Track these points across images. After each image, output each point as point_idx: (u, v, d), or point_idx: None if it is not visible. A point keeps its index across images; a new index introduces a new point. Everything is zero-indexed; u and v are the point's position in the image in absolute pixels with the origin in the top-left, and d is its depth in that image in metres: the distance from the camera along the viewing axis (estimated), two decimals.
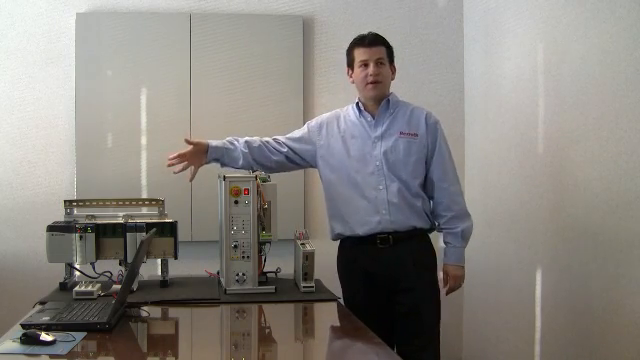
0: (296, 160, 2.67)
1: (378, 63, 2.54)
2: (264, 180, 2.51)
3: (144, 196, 3.46)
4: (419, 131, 2.57)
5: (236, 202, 2.40)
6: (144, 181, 3.60)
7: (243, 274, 2.40)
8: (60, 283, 2.49)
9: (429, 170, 2.59)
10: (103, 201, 2.66)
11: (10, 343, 1.72)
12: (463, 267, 2.61)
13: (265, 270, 2.56)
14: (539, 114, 2.97)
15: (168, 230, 2.53)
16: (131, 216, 2.57)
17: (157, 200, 2.65)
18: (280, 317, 2.29)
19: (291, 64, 3.71)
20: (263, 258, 2.53)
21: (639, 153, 2.28)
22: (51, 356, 1.66)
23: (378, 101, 2.59)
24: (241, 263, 2.41)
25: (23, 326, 1.84)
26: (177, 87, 3.62)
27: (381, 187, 2.53)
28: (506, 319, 3.27)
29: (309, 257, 2.46)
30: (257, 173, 2.50)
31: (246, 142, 2.59)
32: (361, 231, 2.54)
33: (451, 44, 3.86)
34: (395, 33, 3.71)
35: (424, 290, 2.53)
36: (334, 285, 2.63)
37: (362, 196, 2.54)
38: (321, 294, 2.45)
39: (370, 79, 2.54)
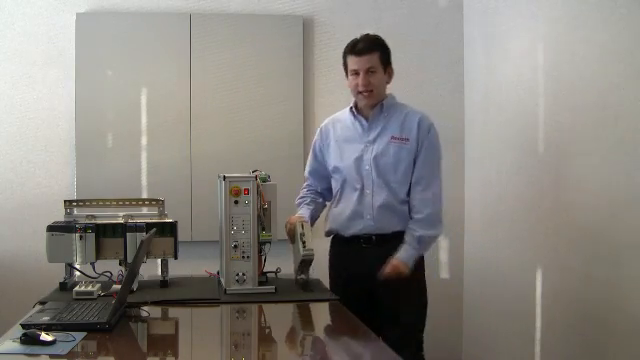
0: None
1: (369, 72, 2.49)
2: (264, 180, 2.50)
3: (144, 196, 3.46)
4: (410, 136, 2.52)
5: (236, 202, 2.39)
6: (144, 181, 3.60)
7: (243, 274, 2.40)
8: (60, 283, 2.49)
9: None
10: (103, 201, 2.66)
11: (10, 343, 1.72)
12: (408, 266, 2.45)
13: (265, 270, 2.56)
14: (539, 114, 2.97)
15: (168, 230, 2.52)
16: (131, 216, 2.57)
17: (157, 200, 2.65)
18: (280, 317, 2.29)
19: (291, 64, 3.70)
20: (263, 258, 2.52)
21: (639, 153, 2.28)
22: (51, 356, 1.66)
23: (372, 105, 2.57)
24: (241, 263, 2.40)
25: (23, 326, 1.84)
26: (177, 87, 3.62)
27: (368, 191, 2.54)
28: (506, 319, 3.27)
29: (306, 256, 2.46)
30: (257, 173, 2.50)
31: (313, 208, 2.69)
32: (346, 233, 2.58)
33: (451, 44, 3.85)
34: (395, 33, 3.71)
35: (405, 291, 2.48)
36: None
37: (349, 199, 2.57)
38: (321, 294, 2.45)
39: (361, 89, 2.51)
